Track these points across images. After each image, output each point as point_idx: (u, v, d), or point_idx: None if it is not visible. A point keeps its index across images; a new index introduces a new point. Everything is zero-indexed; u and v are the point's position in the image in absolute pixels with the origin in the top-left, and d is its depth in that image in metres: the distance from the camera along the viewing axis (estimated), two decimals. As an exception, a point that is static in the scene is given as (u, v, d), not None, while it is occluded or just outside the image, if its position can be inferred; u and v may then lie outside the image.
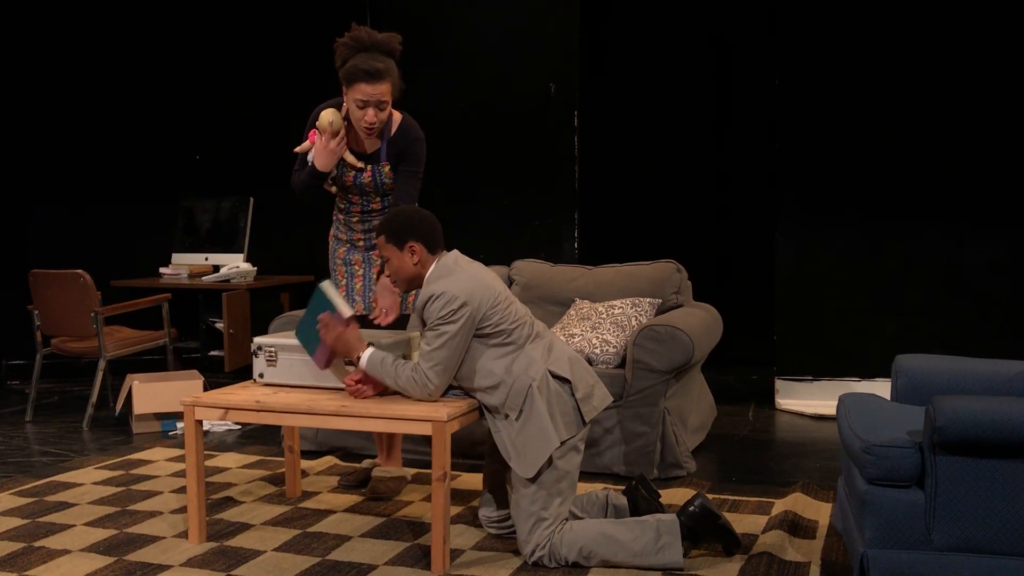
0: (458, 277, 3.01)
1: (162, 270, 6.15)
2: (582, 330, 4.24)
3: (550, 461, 2.94)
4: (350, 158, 3.56)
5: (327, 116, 3.46)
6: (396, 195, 3.61)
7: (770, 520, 3.38)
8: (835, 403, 3.17)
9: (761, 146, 6.37)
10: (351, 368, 3.17)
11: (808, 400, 5.33)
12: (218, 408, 3.18)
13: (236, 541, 3.26)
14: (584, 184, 5.87)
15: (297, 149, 3.61)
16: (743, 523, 3.36)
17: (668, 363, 3.93)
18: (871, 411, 2.81)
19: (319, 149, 3.48)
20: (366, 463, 3.96)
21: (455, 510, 3.53)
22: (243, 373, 5.02)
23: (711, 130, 6.72)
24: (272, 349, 3.33)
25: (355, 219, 3.70)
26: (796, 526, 3.31)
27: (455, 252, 3.14)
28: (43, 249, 6.18)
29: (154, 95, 6.40)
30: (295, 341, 3.31)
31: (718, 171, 6.70)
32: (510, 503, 3.05)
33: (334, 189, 3.67)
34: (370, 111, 3.43)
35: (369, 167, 3.58)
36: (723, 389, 5.56)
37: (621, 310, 4.29)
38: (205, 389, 4.83)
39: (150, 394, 4.87)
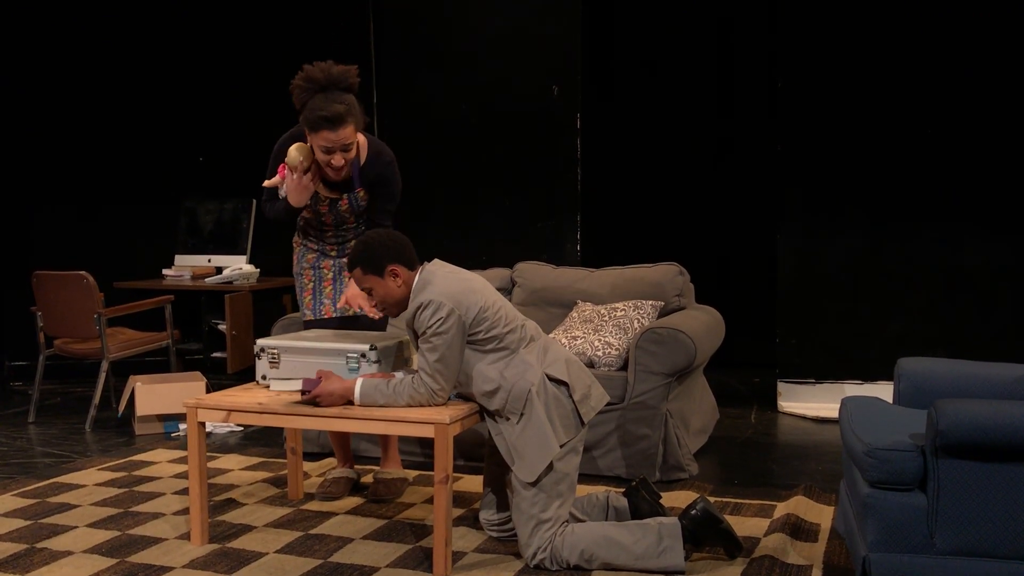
0: (442, 283, 3.01)
1: (165, 272, 6.16)
2: (584, 332, 4.24)
3: (550, 464, 2.94)
4: (323, 190, 3.52)
5: (296, 154, 3.37)
6: (377, 214, 3.59)
7: (772, 523, 3.37)
8: (837, 406, 3.17)
9: (763, 148, 6.37)
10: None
11: (810, 403, 5.32)
12: (221, 410, 3.18)
13: (238, 543, 3.26)
14: (586, 186, 5.87)
15: (266, 183, 3.52)
16: (745, 526, 3.36)
17: (670, 366, 3.93)
18: (873, 414, 2.81)
19: (291, 186, 3.40)
20: (337, 472, 3.87)
21: (457, 512, 3.53)
22: (246, 375, 5.03)
23: (713, 133, 6.71)
24: (275, 351, 3.33)
25: (328, 234, 3.69)
26: (798, 529, 3.31)
27: (436, 261, 3.13)
28: (46, 250, 6.19)
29: (157, 97, 6.40)
30: (298, 343, 3.32)
31: (721, 173, 6.69)
32: (510, 506, 3.05)
33: (307, 213, 3.64)
34: (336, 156, 3.36)
35: (345, 196, 3.56)
36: (725, 392, 5.55)
37: (623, 312, 4.28)
38: (208, 391, 4.84)
39: (153, 396, 4.87)
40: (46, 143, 6.32)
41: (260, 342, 3.37)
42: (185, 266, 6.22)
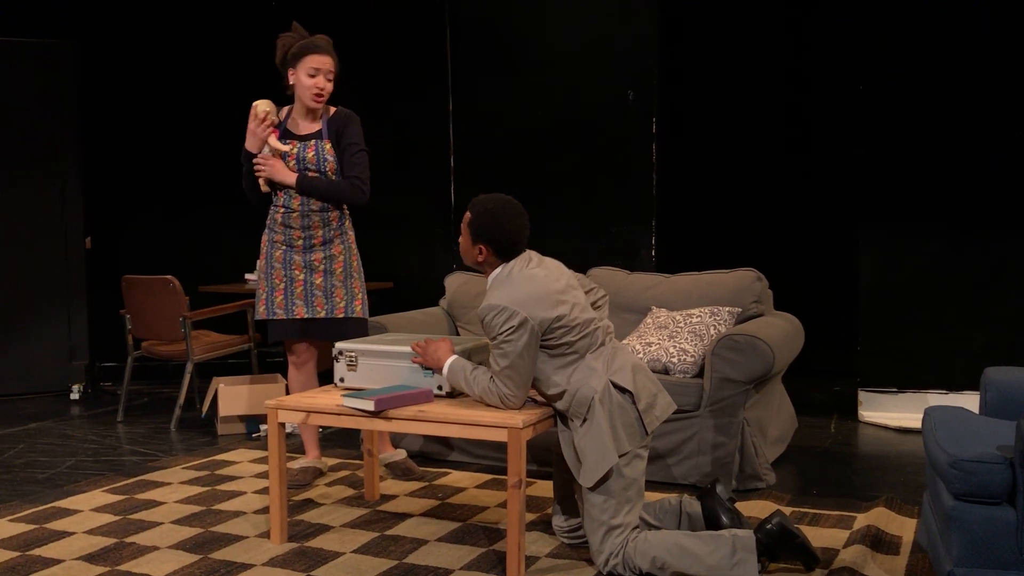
0: (518, 287, 2.99)
1: (247, 276, 6.30)
2: (659, 339, 4.22)
3: (616, 470, 2.93)
4: (274, 142, 3.92)
5: (264, 104, 3.93)
6: (348, 170, 3.91)
7: (852, 535, 3.30)
8: (920, 416, 3.08)
9: (843, 152, 6.24)
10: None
11: (892, 412, 5.19)
12: (300, 411, 3.25)
13: (316, 542, 3.32)
14: (662, 190, 5.83)
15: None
16: (823, 537, 3.30)
17: (748, 373, 3.88)
18: (958, 425, 2.74)
19: (249, 129, 3.92)
20: (304, 462, 4.14)
21: (530, 517, 3.54)
22: (324, 377, 5.11)
23: (791, 136, 6.60)
24: (353, 354, 3.39)
25: (294, 214, 3.95)
26: (879, 541, 3.23)
27: (522, 257, 3.11)
28: (135, 255, 6.41)
29: (243, 103, 6.55)
30: (376, 346, 3.37)
31: (799, 178, 6.58)
32: (580, 512, 3.05)
33: (266, 188, 4.00)
34: (320, 78, 3.89)
35: (313, 142, 3.93)
36: (804, 400, 5.44)
37: (699, 319, 4.24)
38: (287, 393, 4.93)
39: (235, 397, 5.00)
40: (135, 152, 6.54)
41: (338, 345, 3.44)
42: (266, 271, 6.35)
